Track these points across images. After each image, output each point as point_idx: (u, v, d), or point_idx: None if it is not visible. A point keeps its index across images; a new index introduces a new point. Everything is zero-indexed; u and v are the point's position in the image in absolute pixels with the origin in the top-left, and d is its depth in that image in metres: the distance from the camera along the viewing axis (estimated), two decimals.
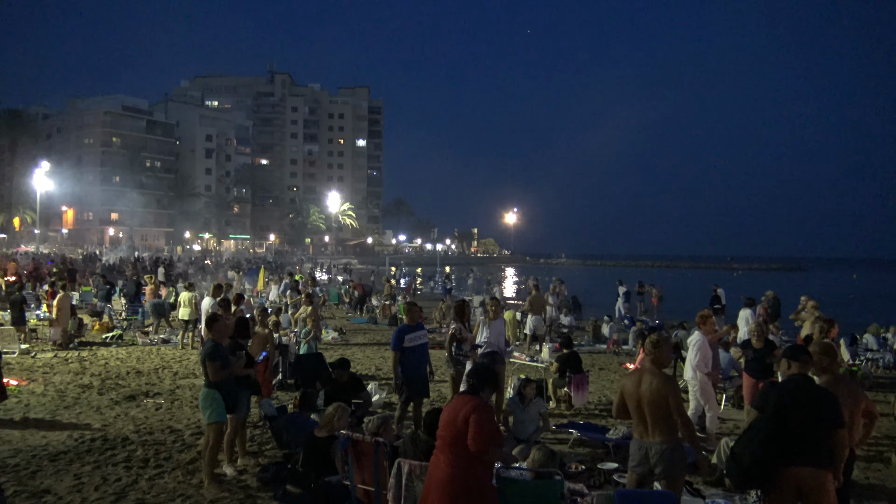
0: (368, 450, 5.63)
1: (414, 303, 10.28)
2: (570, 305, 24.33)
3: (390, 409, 9.58)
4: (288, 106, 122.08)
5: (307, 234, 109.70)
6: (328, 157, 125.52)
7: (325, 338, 18.19)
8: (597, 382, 12.91)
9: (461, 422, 4.38)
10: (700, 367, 8.75)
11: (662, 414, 5.14)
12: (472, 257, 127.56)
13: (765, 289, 20.53)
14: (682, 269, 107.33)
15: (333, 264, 63.57)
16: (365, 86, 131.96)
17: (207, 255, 69.67)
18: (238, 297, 14.04)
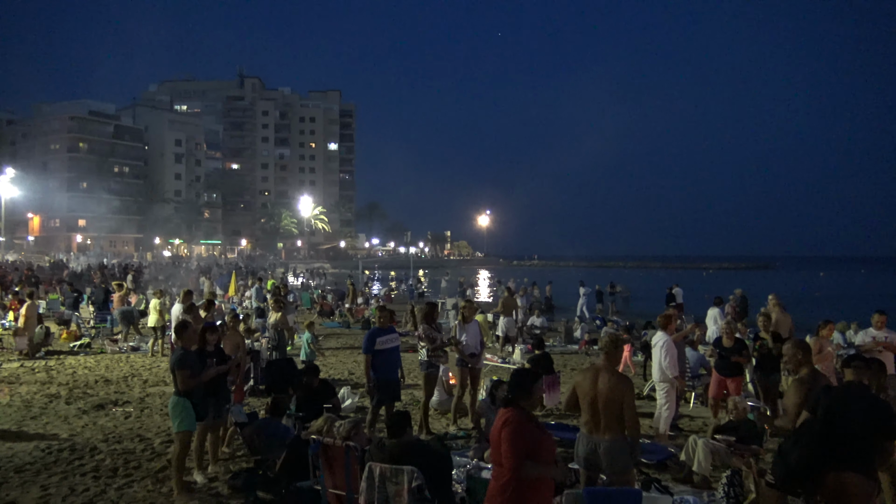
0: (339, 454, 5.63)
1: (385, 306, 10.30)
2: (541, 307, 24.49)
3: (363, 414, 9.58)
4: (258, 110, 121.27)
5: (279, 239, 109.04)
6: (300, 161, 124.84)
7: (297, 343, 18.10)
8: (568, 383, 12.96)
9: (496, 437, 4.28)
10: (671, 368, 8.85)
11: (616, 412, 5.28)
12: (445, 260, 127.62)
13: (734, 287, 20.87)
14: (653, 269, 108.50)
15: (306, 269, 63.27)
16: (336, 89, 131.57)
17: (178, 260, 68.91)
18: (209, 303, 13.93)
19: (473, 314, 9.86)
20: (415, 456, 5.26)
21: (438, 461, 5.41)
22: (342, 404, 10.06)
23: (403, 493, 5.06)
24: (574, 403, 5.53)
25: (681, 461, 7.55)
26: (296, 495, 5.91)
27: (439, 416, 10.21)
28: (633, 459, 5.43)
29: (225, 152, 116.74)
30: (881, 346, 9.48)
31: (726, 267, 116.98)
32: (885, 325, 9.81)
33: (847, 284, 68.43)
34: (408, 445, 5.38)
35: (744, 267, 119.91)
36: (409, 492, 5.03)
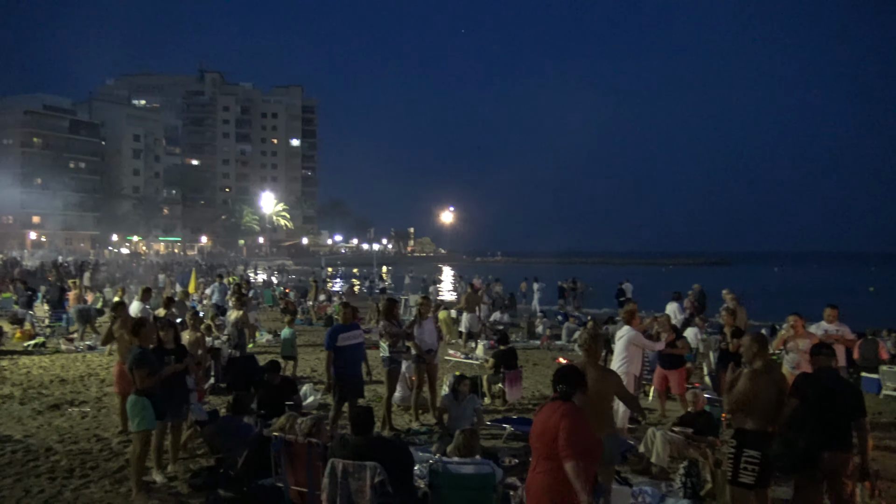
0: (301, 451, 5.62)
1: (349, 303, 10.28)
2: (504, 303, 24.65)
3: (325, 411, 9.54)
4: (219, 105, 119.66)
5: (240, 236, 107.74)
6: (261, 157, 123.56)
7: (259, 340, 17.95)
8: (530, 378, 13.14)
9: (552, 430, 4.13)
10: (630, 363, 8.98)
11: (605, 406, 5.39)
12: (409, 257, 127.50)
13: (692, 283, 21.23)
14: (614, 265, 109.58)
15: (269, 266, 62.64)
16: (298, 85, 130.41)
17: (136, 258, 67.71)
18: (168, 301, 13.73)
19: (429, 311, 9.90)
20: (377, 452, 5.27)
21: (400, 456, 5.43)
22: (304, 401, 10.01)
23: (366, 488, 5.07)
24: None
25: (640, 453, 7.68)
26: (258, 493, 5.88)
27: (402, 411, 10.22)
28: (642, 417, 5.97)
29: (185, 148, 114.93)
30: (833, 340, 9.74)
31: (685, 263, 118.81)
32: (836, 318, 10.08)
33: (800, 279, 70.08)
34: (370, 441, 5.39)
35: (702, 263, 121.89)
36: (371, 487, 5.04)
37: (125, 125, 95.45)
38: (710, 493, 6.65)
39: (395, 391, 9.67)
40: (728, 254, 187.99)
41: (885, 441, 8.99)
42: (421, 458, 7.35)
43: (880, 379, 12.42)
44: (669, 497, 6.68)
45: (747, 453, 5.23)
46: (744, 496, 5.31)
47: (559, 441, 4.03)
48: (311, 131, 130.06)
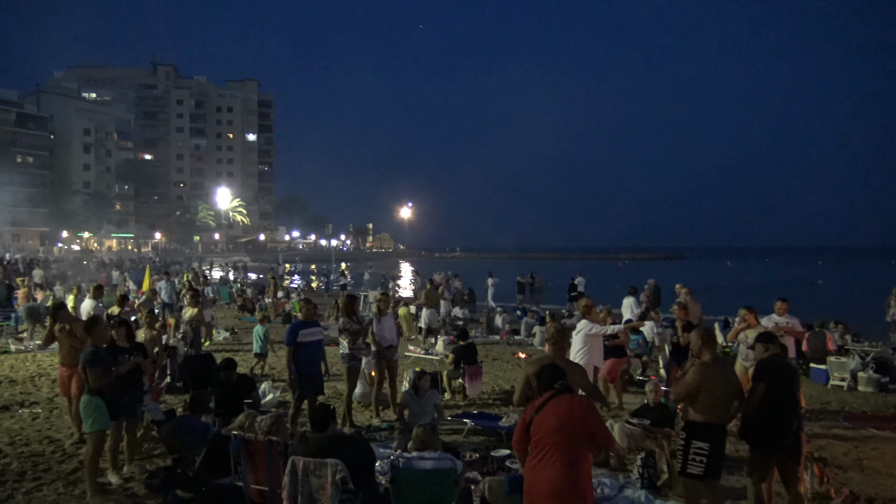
0: (261, 449, 5.56)
1: (309, 299, 10.21)
2: (464, 298, 24.72)
3: (285, 408, 9.47)
4: (173, 99, 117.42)
5: (196, 232, 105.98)
6: (217, 152, 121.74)
7: (216, 338, 17.73)
8: (490, 372, 13.21)
9: (577, 424, 4.24)
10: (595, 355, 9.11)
11: None
12: (367, 252, 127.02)
13: (648, 277, 21.58)
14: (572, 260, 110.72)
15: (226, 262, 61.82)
16: (254, 78, 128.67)
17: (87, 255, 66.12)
18: (122, 299, 13.46)
19: (389, 307, 9.89)
20: (338, 449, 5.25)
21: (361, 453, 5.42)
22: (263, 399, 9.93)
23: (327, 486, 5.05)
24: (528, 396, 5.49)
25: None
26: (217, 492, 5.81)
27: (362, 408, 10.20)
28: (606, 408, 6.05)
29: (137, 142, 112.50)
30: (783, 331, 10.01)
31: (641, 258, 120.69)
32: (786, 311, 10.36)
33: (751, 273, 71.71)
34: (331, 438, 5.37)
35: (657, 258, 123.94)
36: (332, 485, 5.02)
37: (75, 119, 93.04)
38: (666, 484, 6.79)
39: (355, 388, 9.65)
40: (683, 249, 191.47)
41: (832, 430, 9.28)
42: (382, 455, 7.35)
43: (827, 369, 12.80)
44: (627, 488, 6.80)
45: (695, 445, 5.35)
46: (694, 487, 5.43)
47: (598, 435, 4.29)
48: (268, 126, 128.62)
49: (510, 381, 12.40)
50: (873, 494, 6.64)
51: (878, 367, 12.78)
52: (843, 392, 12.06)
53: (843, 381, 12.43)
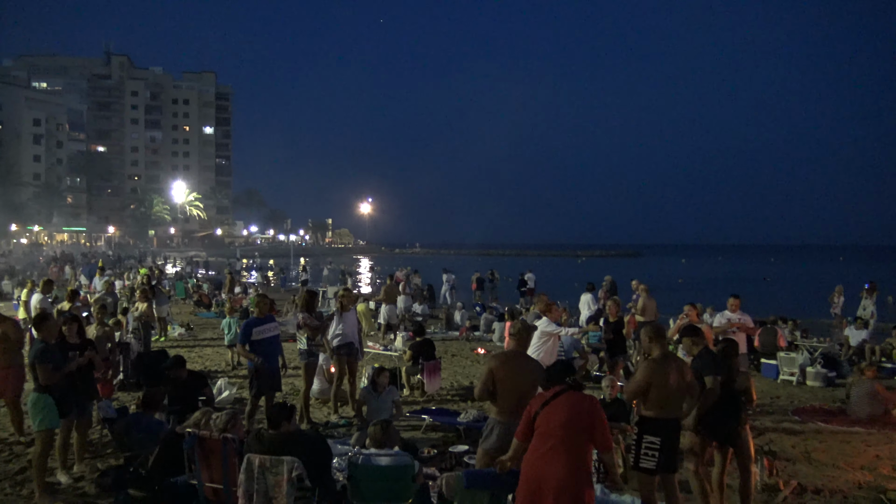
0: (216, 447, 5.49)
1: (265, 294, 10.10)
2: (423, 294, 24.72)
3: (241, 405, 9.36)
4: (127, 90, 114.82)
5: (151, 226, 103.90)
6: (173, 145, 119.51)
7: (171, 334, 17.44)
8: (449, 368, 13.24)
9: (584, 420, 4.40)
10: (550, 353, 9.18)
11: (533, 394, 5.51)
12: (326, 248, 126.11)
13: (605, 274, 21.85)
14: (530, 257, 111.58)
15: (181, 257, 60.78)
16: (211, 71, 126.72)
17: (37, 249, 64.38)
18: (73, 294, 13.13)
19: (352, 303, 9.84)
20: (295, 446, 5.21)
21: (318, 450, 5.39)
22: (219, 396, 9.81)
23: (283, 483, 5.01)
24: (490, 391, 5.50)
25: None
26: (170, 491, 5.71)
27: (320, 404, 10.14)
28: None
29: (90, 134, 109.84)
30: (735, 327, 10.24)
31: (598, 254, 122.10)
32: (738, 307, 10.59)
33: (705, 270, 73.10)
34: (287, 436, 5.33)
35: (614, 254, 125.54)
36: (288, 482, 4.99)
37: (24, 108, 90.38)
38: (622, 478, 6.88)
39: (312, 384, 9.58)
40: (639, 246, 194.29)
41: (782, 423, 9.52)
42: (340, 451, 7.32)
43: (778, 364, 13.12)
44: None
45: (647, 440, 5.43)
46: (648, 481, 5.51)
47: (598, 434, 4.43)
48: (225, 119, 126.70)
49: (469, 377, 12.44)
50: (820, 486, 6.84)
51: (826, 363, 13.16)
52: (793, 387, 12.38)
53: (793, 376, 12.75)
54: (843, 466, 7.50)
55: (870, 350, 14.65)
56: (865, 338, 15.06)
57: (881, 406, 9.82)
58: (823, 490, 6.74)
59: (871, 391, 9.90)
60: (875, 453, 8.05)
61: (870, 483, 6.98)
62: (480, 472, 5.21)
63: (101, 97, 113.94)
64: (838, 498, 6.59)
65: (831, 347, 14.45)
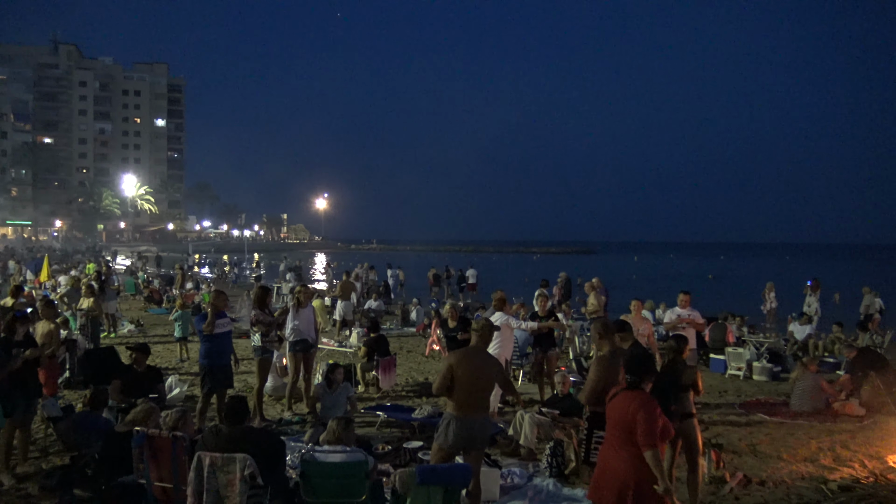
0: (166, 445, 5.39)
1: (221, 290, 9.97)
2: (378, 290, 24.65)
3: (193, 403, 9.22)
4: (75, 80, 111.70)
5: (100, 220, 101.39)
6: (123, 137, 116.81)
7: (121, 331, 17.08)
8: (404, 365, 13.24)
9: (631, 420, 4.53)
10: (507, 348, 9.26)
11: (490, 391, 5.57)
12: (282, 243, 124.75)
13: (559, 271, 22.06)
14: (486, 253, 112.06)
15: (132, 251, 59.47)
16: (163, 62, 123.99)
17: None
18: (16, 289, 12.76)
19: (309, 299, 9.76)
20: (247, 443, 5.16)
21: (271, 447, 5.34)
22: (170, 394, 9.63)
23: (235, 481, 4.95)
24: (448, 386, 5.49)
25: (509, 435, 7.94)
26: (118, 491, 5.59)
27: (274, 401, 10.05)
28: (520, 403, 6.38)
29: (36, 125, 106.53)
30: (685, 323, 10.45)
31: (553, 251, 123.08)
32: (688, 304, 10.79)
33: (657, 267, 74.38)
34: (239, 433, 5.27)
35: (569, 251, 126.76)
36: (240, 480, 4.93)
37: None
38: (574, 472, 6.97)
39: (266, 381, 9.49)
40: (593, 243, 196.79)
41: (728, 417, 9.76)
42: (294, 448, 7.27)
43: (726, 360, 13.43)
44: (536, 476, 6.96)
45: (597, 434, 5.52)
46: None
47: (639, 432, 4.47)
48: (178, 111, 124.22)
49: (424, 374, 12.46)
50: (765, 477, 7.03)
51: (771, 358, 13.53)
52: (740, 381, 12.69)
53: (740, 370, 13.08)
54: (787, 458, 7.72)
55: (813, 345, 15.11)
56: (810, 333, 15.53)
57: (823, 399, 10.16)
58: (768, 482, 6.93)
59: (814, 385, 10.22)
60: (817, 445, 8.31)
61: (812, 474, 7.20)
62: (434, 468, 5.23)
63: (48, 87, 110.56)
64: (782, 489, 6.78)
65: (776, 342, 14.86)
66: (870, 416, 9.71)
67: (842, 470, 7.34)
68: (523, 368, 12.17)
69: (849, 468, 7.42)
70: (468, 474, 5.22)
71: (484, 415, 5.58)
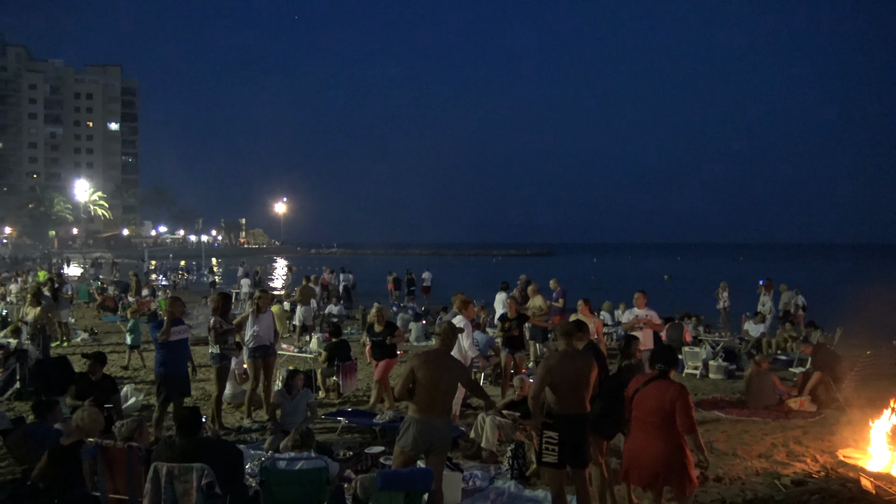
0: (121, 456, 5.29)
1: (177, 296, 9.81)
2: (339, 294, 24.51)
3: (149, 412, 9.05)
4: (24, 82, 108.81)
5: (51, 226, 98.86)
6: (75, 141, 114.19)
7: (74, 340, 16.69)
8: (365, 370, 13.16)
9: (669, 406, 5.08)
10: (472, 349, 9.28)
11: (452, 394, 5.60)
12: (240, 248, 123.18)
13: (519, 273, 22.22)
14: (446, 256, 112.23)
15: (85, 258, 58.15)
16: (117, 64, 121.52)
17: None
18: None
19: (269, 304, 9.66)
20: (205, 452, 5.08)
21: (229, 456, 5.27)
22: (126, 403, 9.44)
23: (192, 491, 4.87)
24: (409, 390, 5.49)
25: (470, 438, 7.96)
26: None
27: (233, 409, 9.91)
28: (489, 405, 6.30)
29: None
30: (642, 323, 10.60)
31: (513, 254, 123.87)
32: (645, 303, 10.95)
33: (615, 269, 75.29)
34: (197, 442, 5.19)
35: (529, 254, 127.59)
36: (198, 490, 4.86)
37: None
38: (535, 473, 7.01)
39: (225, 389, 9.37)
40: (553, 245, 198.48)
41: None
42: (253, 456, 7.19)
43: (683, 359, 13.66)
44: (498, 479, 6.99)
45: (547, 434, 5.55)
46: (555, 475, 5.63)
47: (681, 418, 5.06)
48: (132, 115, 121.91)
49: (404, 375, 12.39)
50: (721, 474, 7.17)
51: (727, 356, 13.80)
52: (696, 380, 12.92)
53: (696, 369, 13.32)
54: (742, 455, 7.89)
55: (766, 343, 15.46)
56: (764, 331, 15.89)
57: (776, 396, 10.41)
58: (724, 478, 7.06)
59: (768, 382, 10.47)
60: (771, 441, 8.50)
61: (766, 470, 7.37)
62: (395, 473, 5.22)
63: None
64: (737, 485, 6.93)
65: (731, 341, 15.16)
66: (821, 412, 9.99)
67: (795, 465, 7.53)
68: (484, 371, 12.21)
69: (801, 463, 7.61)
70: (429, 478, 5.22)
71: (446, 418, 5.58)
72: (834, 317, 17.91)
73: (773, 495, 6.63)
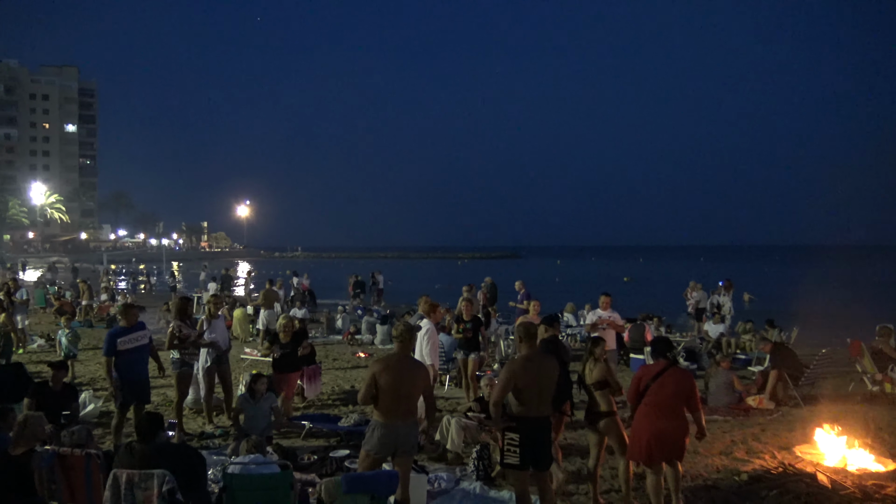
0: (79, 463, 5.18)
1: (132, 304, 9.61)
2: (303, 298, 24.33)
3: (108, 419, 8.88)
4: None
5: (6, 230, 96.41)
6: (30, 143, 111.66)
7: (30, 346, 16.30)
8: (330, 373, 13.11)
9: (688, 390, 5.88)
10: (432, 355, 9.26)
11: (416, 396, 5.59)
12: (202, 252, 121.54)
13: (485, 275, 22.30)
14: (412, 259, 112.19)
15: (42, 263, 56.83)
16: (74, 65, 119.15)
17: None
18: None
19: (218, 309, 9.56)
20: (166, 458, 5.01)
21: (191, 461, 5.20)
22: (84, 410, 9.25)
23: (153, 498, 4.80)
24: (373, 394, 5.46)
25: (436, 441, 7.96)
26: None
27: (195, 415, 9.77)
28: None
29: None
30: (605, 323, 10.73)
31: (478, 256, 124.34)
32: (609, 305, 11.08)
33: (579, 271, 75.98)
34: (158, 448, 5.11)
35: (494, 256, 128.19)
36: (159, 496, 4.78)
37: None
38: (500, 475, 7.03)
39: (186, 395, 9.24)
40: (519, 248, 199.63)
41: None
42: (216, 462, 7.10)
43: (645, 359, 13.82)
44: (464, 480, 7.00)
45: (508, 436, 5.59)
46: (519, 476, 5.66)
47: (692, 401, 5.90)
48: (90, 116, 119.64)
49: (350, 381, 12.36)
50: (683, 472, 7.26)
51: (688, 356, 14.02)
52: None
53: None
54: (703, 452, 8.00)
55: (726, 343, 15.74)
56: (723, 331, 16.17)
57: (736, 395, 10.60)
58: (686, 475, 7.16)
59: (727, 381, 10.66)
60: (731, 439, 8.65)
61: (726, 466, 7.51)
62: (360, 476, 5.21)
63: None
64: (699, 482, 7.05)
65: (693, 341, 15.39)
66: (779, 410, 10.21)
67: (754, 462, 7.68)
68: (449, 374, 12.22)
69: (760, 459, 7.76)
70: (394, 481, 5.22)
71: (411, 420, 5.58)
72: (791, 317, 18.33)
73: (733, 491, 6.75)
